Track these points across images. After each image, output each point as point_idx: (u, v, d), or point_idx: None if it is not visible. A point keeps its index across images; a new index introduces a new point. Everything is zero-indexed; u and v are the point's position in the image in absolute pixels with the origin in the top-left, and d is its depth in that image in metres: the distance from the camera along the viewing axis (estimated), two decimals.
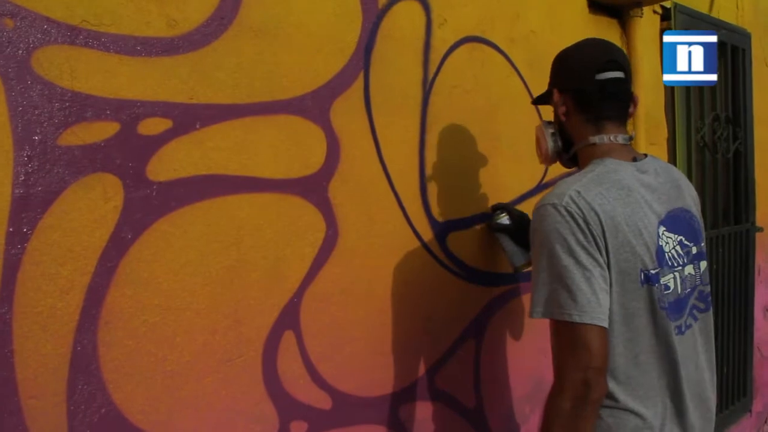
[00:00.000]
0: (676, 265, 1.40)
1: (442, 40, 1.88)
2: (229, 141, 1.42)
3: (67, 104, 1.19)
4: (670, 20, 2.95)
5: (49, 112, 1.17)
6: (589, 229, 1.27)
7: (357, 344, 1.67)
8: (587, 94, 1.45)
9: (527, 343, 2.19)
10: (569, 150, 1.56)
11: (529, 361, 2.20)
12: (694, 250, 1.47)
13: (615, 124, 1.46)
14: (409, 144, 1.79)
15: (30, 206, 1.14)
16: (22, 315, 1.14)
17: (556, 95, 1.51)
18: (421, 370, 1.84)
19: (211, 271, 1.39)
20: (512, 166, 2.09)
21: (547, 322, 1.33)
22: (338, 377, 1.64)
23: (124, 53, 1.27)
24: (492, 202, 2.04)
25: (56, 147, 1.18)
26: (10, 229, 1.12)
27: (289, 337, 1.53)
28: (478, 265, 2.00)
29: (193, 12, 1.36)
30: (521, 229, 1.88)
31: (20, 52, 1.14)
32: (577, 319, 1.23)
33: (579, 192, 1.30)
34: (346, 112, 1.63)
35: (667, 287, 1.36)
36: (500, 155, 2.06)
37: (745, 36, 3.59)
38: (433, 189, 1.85)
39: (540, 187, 2.21)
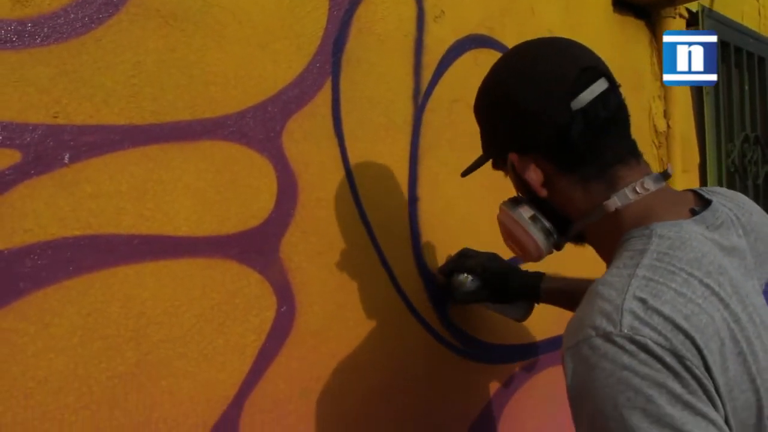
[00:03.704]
0: None
1: (438, 39, 1.39)
2: (121, 182, 0.92)
3: None
4: (697, 25, 2.53)
5: None
6: (687, 368, 0.67)
7: None
8: (569, 141, 0.87)
9: (552, 428, 1.70)
10: (567, 231, 0.96)
11: None
12: None
13: (629, 162, 0.88)
14: (396, 179, 1.30)
15: None
16: None
17: (517, 163, 0.92)
18: None
19: (92, 384, 0.89)
20: None
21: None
22: None
23: None
24: (506, 251, 1.55)
25: None
26: None
27: None
28: (490, 338, 1.50)
29: None
30: (502, 287, 1.31)
31: None
32: None
33: (644, 301, 0.71)
34: (307, 135, 1.14)
35: None
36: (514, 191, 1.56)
37: None
38: (429, 240, 1.36)
39: None
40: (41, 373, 0.85)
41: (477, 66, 1.48)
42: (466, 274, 1.31)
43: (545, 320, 1.66)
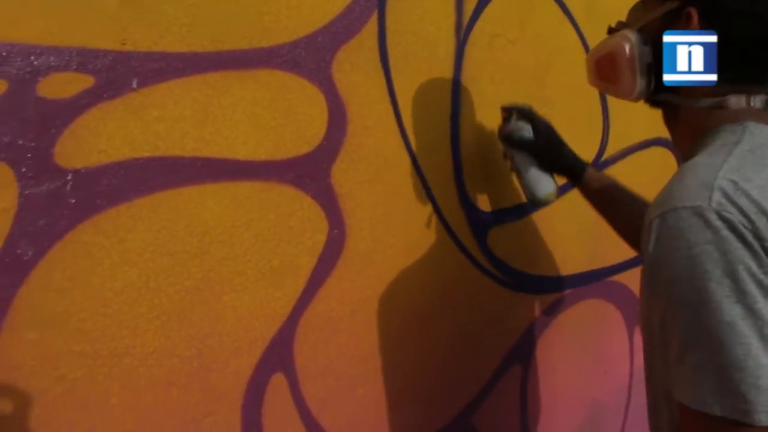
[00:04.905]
0: None
1: None
2: (184, 107, 0.97)
3: None
4: None
5: None
6: (766, 250, 0.72)
7: (372, 384, 1.24)
8: (755, 47, 0.86)
9: (581, 360, 1.76)
10: (659, 92, 0.96)
11: (583, 383, 1.76)
12: None
13: (759, 82, 0.89)
14: (438, 110, 1.33)
15: None
16: None
17: (693, 22, 0.88)
18: (455, 409, 1.41)
19: (161, 297, 0.96)
20: (567, 139, 1.64)
21: (605, 327, 0.84)
22: (348, 430, 1.20)
23: None
24: None
25: None
26: None
27: (278, 382, 1.10)
28: (526, 268, 1.56)
29: None
30: (548, 148, 1.34)
31: None
32: (764, 419, 0.67)
33: (735, 183, 0.74)
34: (355, 66, 1.17)
35: None
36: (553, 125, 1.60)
37: None
38: (469, 171, 1.40)
39: (598, 165, 1.76)
40: (118, 285, 0.91)
41: (516, 0, 1.50)
42: (525, 121, 1.34)
43: (578, 255, 1.71)
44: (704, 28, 0.87)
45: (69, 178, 0.86)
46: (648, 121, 1.29)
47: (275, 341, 1.09)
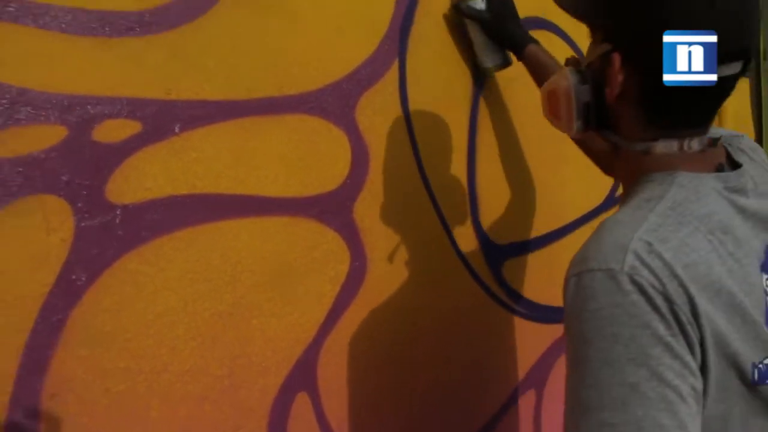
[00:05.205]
0: None
1: None
2: (220, 149, 1.08)
3: None
4: None
5: None
6: (674, 313, 0.72)
7: (390, 406, 1.32)
8: (681, 92, 0.82)
9: None
10: (600, 129, 0.95)
11: None
12: None
13: (698, 129, 0.87)
14: (455, 149, 1.43)
15: None
16: None
17: (616, 65, 0.84)
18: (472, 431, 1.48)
19: (197, 320, 1.06)
20: (579, 177, 1.72)
21: None
22: None
23: (73, 32, 0.93)
24: (556, 220, 1.67)
25: None
26: None
27: (302, 400, 1.19)
28: (540, 299, 1.63)
29: None
30: (501, 21, 1.38)
31: None
32: None
33: (650, 244, 0.75)
34: (377, 110, 1.28)
35: None
36: (565, 164, 1.68)
37: None
38: (485, 206, 1.49)
39: (610, 201, 1.83)
40: (159, 308, 1.01)
41: None
42: None
43: None
44: (627, 73, 0.85)
45: (118, 212, 0.97)
46: None
47: (300, 363, 1.18)
